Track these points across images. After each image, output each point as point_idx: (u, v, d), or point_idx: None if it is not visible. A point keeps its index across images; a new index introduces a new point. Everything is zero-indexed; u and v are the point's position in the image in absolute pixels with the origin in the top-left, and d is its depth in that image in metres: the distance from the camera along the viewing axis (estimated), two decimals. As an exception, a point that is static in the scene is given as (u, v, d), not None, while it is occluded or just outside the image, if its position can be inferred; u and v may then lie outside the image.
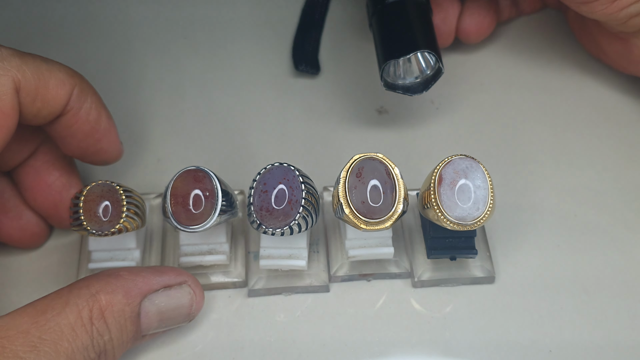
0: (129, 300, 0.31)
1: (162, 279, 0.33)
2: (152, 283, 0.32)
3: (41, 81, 0.32)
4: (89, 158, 0.37)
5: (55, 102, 0.33)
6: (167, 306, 0.33)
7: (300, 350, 0.35)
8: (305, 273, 0.37)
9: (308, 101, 0.45)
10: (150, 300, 0.32)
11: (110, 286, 0.31)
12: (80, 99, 0.34)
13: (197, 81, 0.46)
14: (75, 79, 0.34)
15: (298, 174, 0.33)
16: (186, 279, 0.34)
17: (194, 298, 0.34)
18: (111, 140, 0.36)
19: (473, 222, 0.32)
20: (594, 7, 0.38)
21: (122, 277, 0.32)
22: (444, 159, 0.33)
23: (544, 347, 0.35)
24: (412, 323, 0.36)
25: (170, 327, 0.34)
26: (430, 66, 0.40)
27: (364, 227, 0.32)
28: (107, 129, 0.36)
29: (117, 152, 0.37)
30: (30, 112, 0.32)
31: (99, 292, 0.30)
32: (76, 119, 0.34)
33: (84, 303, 0.30)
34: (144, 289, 0.32)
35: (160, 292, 0.32)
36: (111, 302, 0.30)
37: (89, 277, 0.31)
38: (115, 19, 0.49)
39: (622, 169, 0.41)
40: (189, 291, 0.34)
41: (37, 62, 0.32)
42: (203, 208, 0.33)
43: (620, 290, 0.37)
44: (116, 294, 0.31)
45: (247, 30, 0.49)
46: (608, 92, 0.45)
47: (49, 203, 0.37)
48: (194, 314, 0.34)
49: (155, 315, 0.32)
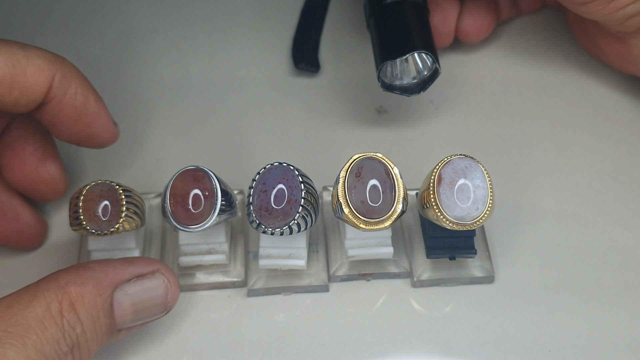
0: (100, 292, 0.30)
1: (133, 268, 0.32)
2: (124, 273, 0.31)
3: (17, 69, 0.31)
4: (83, 143, 0.36)
5: (35, 90, 0.32)
6: (141, 296, 0.32)
7: (300, 350, 0.35)
8: (305, 273, 0.37)
9: (307, 101, 0.45)
10: (123, 290, 0.31)
11: (79, 278, 0.30)
12: (64, 85, 0.33)
13: (197, 81, 0.46)
14: (56, 65, 0.33)
15: (297, 173, 0.33)
16: (159, 267, 0.33)
17: (168, 287, 0.33)
18: (103, 124, 0.35)
19: (472, 221, 0.32)
20: (591, 7, 0.38)
21: (92, 269, 0.31)
22: (444, 159, 0.33)
23: (543, 346, 0.35)
24: (412, 323, 0.36)
25: (146, 319, 0.33)
26: (427, 67, 0.40)
27: (363, 226, 0.32)
28: (96, 112, 0.35)
29: (112, 134, 0.36)
30: (8, 101, 0.32)
31: (68, 284, 0.30)
32: (61, 106, 0.33)
33: (53, 296, 0.29)
34: (115, 280, 0.31)
35: (132, 281, 0.31)
36: (81, 293, 0.30)
37: (58, 271, 0.31)
38: (115, 18, 0.49)
39: (622, 169, 0.41)
40: (163, 279, 0.33)
41: (12, 49, 0.31)
42: (202, 208, 0.33)
43: (620, 290, 0.37)
44: (86, 285, 0.30)
45: (246, 29, 0.49)
46: (608, 92, 0.45)
47: (26, 179, 0.36)
48: (170, 304, 0.33)
49: (129, 306, 0.31)
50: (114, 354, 0.35)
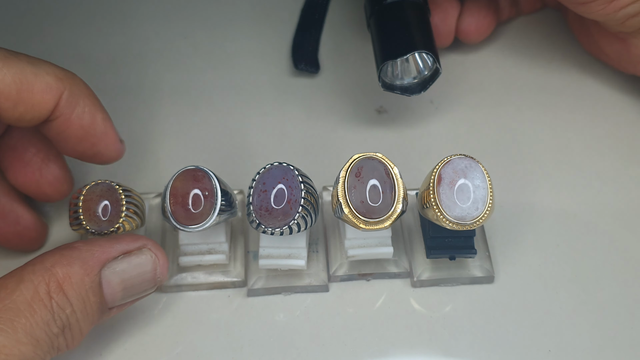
0: (87, 271, 0.30)
1: (119, 245, 0.32)
2: (110, 251, 0.31)
3: (24, 85, 0.31)
4: (88, 159, 0.36)
5: (41, 107, 0.32)
6: (129, 273, 0.32)
7: (300, 350, 0.35)
8: (305, 273, 0.37)
9: (307, 101, 0.45)
10: (111, 268, 0.31)
11: (65, 259, 0.30)
12: (71, 104, 0.33)
13: (197, 80, 0.46)
14: (65, 82, 0.32)
15: (297, 173, 0.33)
16: (145, 242, 0.33)
17: (156, 262, 0.33)
18: (109, 143, 0.35)
19: (472, 221, 0.32)
20: (592, 7, 0.38)
21: (77, 249, 0.31)
22: (443, 159, 0.33)
23: (543, 347, 0.35)
24: (412, 323, 0.36)
25: (136, 296, 0.33)
26: (427, 67, 0.40)
27: (363, 226, 0.32)
28: (103, 132, 0.35)
29: (117, 152, 0.36)
30: (12, 116, 0.31)
31: (54, 266, 0.29)
32: (68, 124, 0.33)
33: (40, 278, 0.29)
34: (101, 258, 0.31)
35: (119, 258, 0.31)
36: (68, 274, 0.29)
37: (43, 253, 0.30)
38: (116, 18, 0.49)
39: (622, 169, 0.41)
40: (151, 254, 0.32)
41: (21, 64, 0.31)
42: (202, 208, 0.33)
43: (620, 291, 0.37)
44: (73, 266, 0.30)
45: (246, 29, 0.49)
46: (608, 92, 0.45)
47: (29, 181, 0.36)
48: (160, 278, 0.33)
49: (118, 284, 0.31)
50: (114, 354, 0.35)
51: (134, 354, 0.35)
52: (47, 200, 0.38)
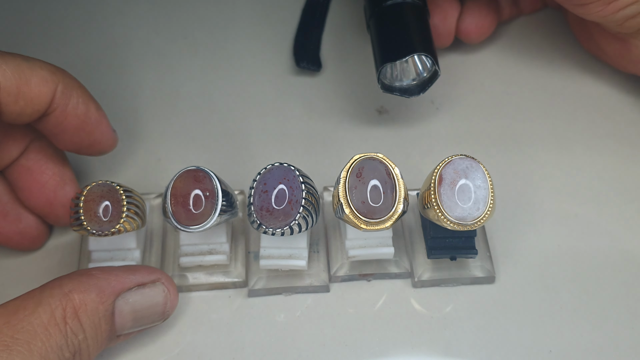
0: (103, 299, 0.31)
1: (135, 277, 0.32)
2: (126, 281, 0.32)
3: (22, 80, 0.32)
4: (84, 151, 0.37)
5: (39, 100, 0.33)
6: (141, 305, 0.32)
7: (300, 350, 0.35)
8: (306, 273, 0.37)
9: (308, 100, 0.45)
10: (124, 298, 0.32)
11: (83, 285, 0.31)
12: (66, 95, 0.34)
13: (197, 80, 0.46)
14: (58, 76, 0.33)
15: (298, 174, 0.33)
16: (159, 276, 0.33)
17: (168, 296, 0.33)
18: (103, 131, 0.36)
19: (473, 222, 0.32)
20: (590, 9, 0.38)
21: (95, 276, 0.31)
22: (444, 159, 0.33)
23: (544, 347, 0.35)
24: (412, 323, 0.36)
25: (144, 326, 0.33)
26: (427, 69, 0.40)
27: (364, 227, 0.32)
28: (97, 120, 0.35)
29: (111, 141, 0.37)
30: (14, 111, 0.32)
31: (72, 291, 0.30)
32: (65, 116, 0.34)
33: (57, 302, 0.30)
34: (117, 288, 0.32)
35: (133, 290, 0.32)
36: (84, 301, 0.30)
37: (61, 277, 0.31)
38: (115, 18, 0.49)
39: (622, 169, 0.41)
40: (163, 289, 0.33)
41: (17, 60, 0.32)
42: (203, 208, 0.33)
43: (620, 291, 0.37)
44: (89, 293, 0.30)
45: (247, 28, 0.49)
46: (608, 92, 0.45)
47: (44, 202, 0.37)
48: (168, 312, 0.34)
49: (129, 314, 0.32)
50: (114, 354, 0.35)
51: (133, 355, 0.35)
52: (56, 222, 0.38)
